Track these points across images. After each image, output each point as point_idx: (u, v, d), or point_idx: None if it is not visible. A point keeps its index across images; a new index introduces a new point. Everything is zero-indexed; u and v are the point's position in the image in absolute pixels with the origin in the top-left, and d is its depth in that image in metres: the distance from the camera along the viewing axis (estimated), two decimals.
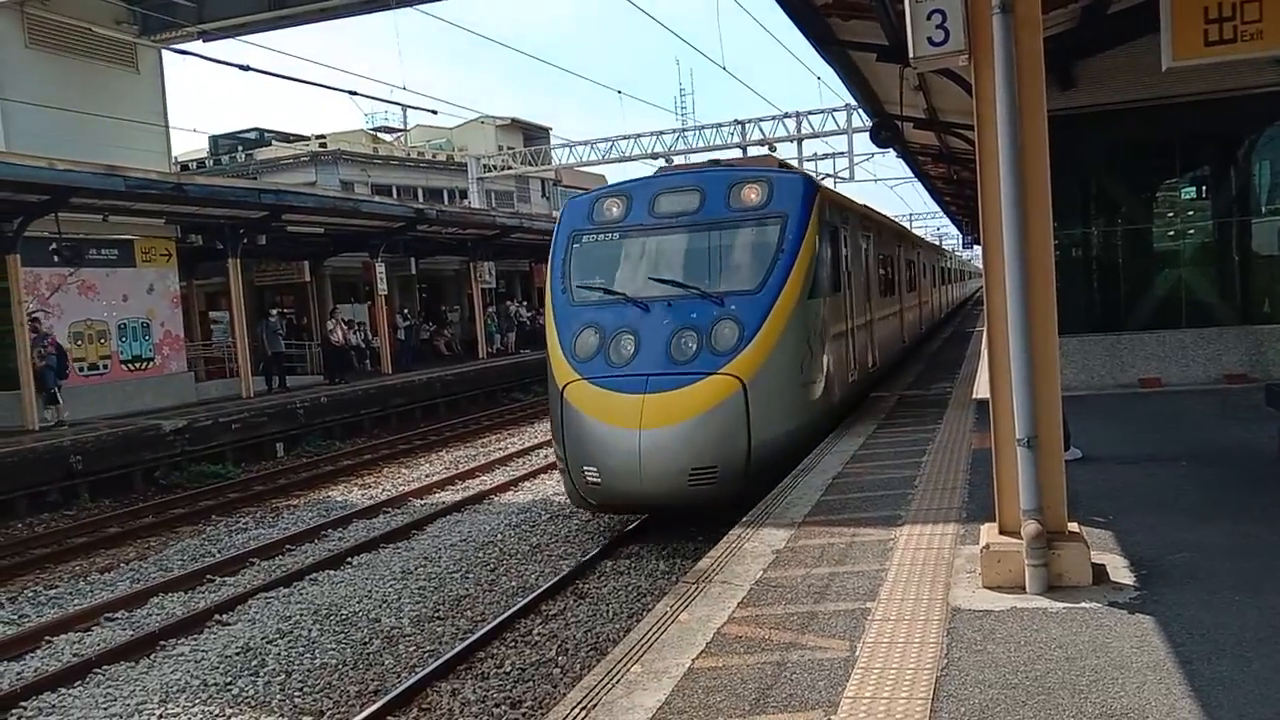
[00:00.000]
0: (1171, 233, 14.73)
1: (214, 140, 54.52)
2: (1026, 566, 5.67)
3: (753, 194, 11.41)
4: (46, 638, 9.69)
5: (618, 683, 4.92)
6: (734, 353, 10.37)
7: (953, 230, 63.73)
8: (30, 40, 26.36)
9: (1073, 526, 5.97)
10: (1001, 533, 5.97)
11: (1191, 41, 7.91)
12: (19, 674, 8.89)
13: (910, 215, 63.65)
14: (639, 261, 11.57)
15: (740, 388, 10.20)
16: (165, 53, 29.60)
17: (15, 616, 10.73)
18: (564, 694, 4.88)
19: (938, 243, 53.84)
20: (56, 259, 19.51)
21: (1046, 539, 5.67)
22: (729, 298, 10.78)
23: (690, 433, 10.05)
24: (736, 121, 39.96)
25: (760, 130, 39.60)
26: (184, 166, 47.29)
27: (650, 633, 5.59)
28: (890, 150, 22.32)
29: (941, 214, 56.30)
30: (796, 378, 11.11)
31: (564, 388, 10.69)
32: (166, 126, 30.19)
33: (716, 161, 14.19)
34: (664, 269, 11.33)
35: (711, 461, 10.04)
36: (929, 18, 5.68)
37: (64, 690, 8.35)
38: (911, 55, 5.79)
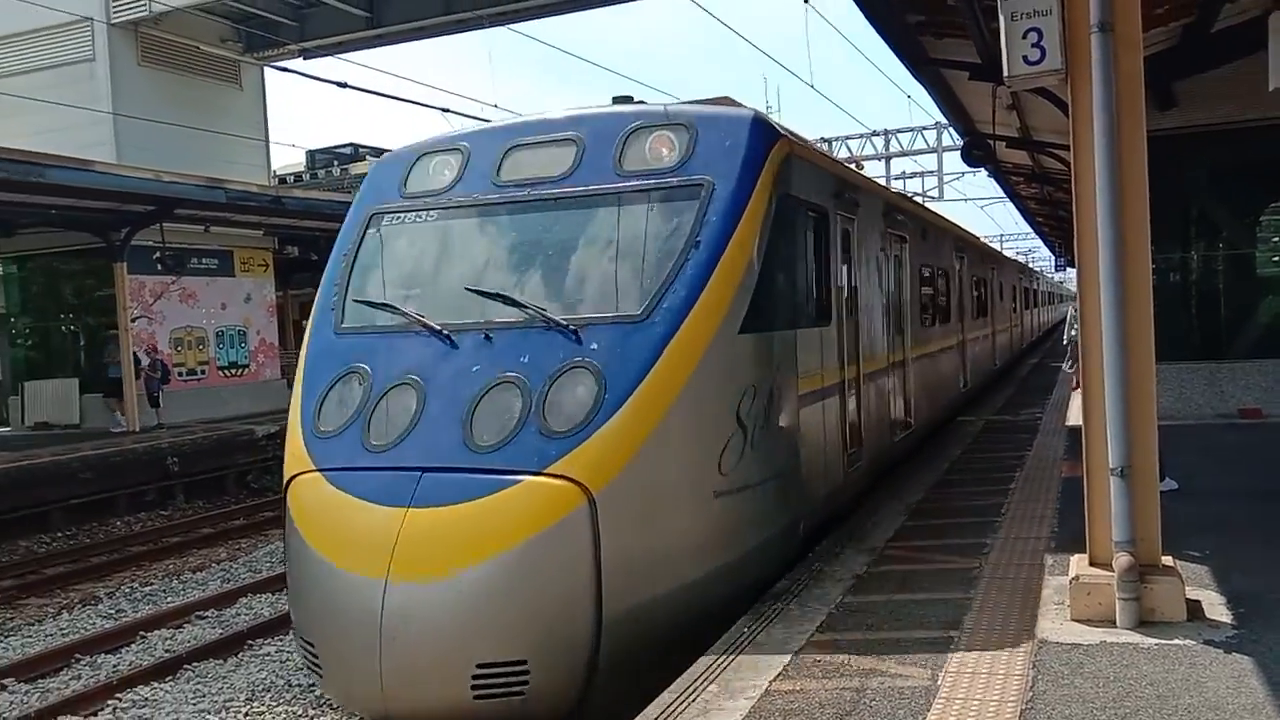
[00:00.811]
0: (1276, 258, 14.20)
1: (311, 155, 56.07)
2: (1117, 600, 5.50)
3: (662, 148, 6.77)
4: (141, 633, 10.03)
5: (693, 701, 4.90)
6: (581, 434, 5.70)
7: (1043, 252, 62.42)
8: (142, 59, 27.52)
9: (1167, 560, 5.78)
10: (1092, 564, 5.81)
11: None
12: (115, 666, 9.21)
13: (1001, 236, 62.41)
14: (459, 262, 7.03)
15: (583, 505, 5.52)
16: (266, 70, 30.62)
17: (113, 611, 11.13)
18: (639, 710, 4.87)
19: (1025, 262, 51.77)
20: (160, 267, 20.26)
21: (1139, 572, 5.50)
22: (592, 330, 6.11)
23: (479, 593, 5.42)
24: (823, 139, 39.74)
25: (847, 148, 39.30)
26: (282, 180, 48.74)
27: (726, 653, 5.56)
28: (982, 169, 21.93)
29: (1033, 235, 55.16)
30: (708, 481, 6.23)
31: (288, 485, 6.31)
32: (267, 141, 31.22)
33: (628, 100, 8.07)
34: (491, 275, 6.78)
35: (517, 652, 5.41)
36: (1024, 36, 5.59)
37: (156, 685, 8.63)
38: (1006, 74, 5.70)
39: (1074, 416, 14.16)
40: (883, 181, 25.99)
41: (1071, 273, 38.61)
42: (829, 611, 6.18)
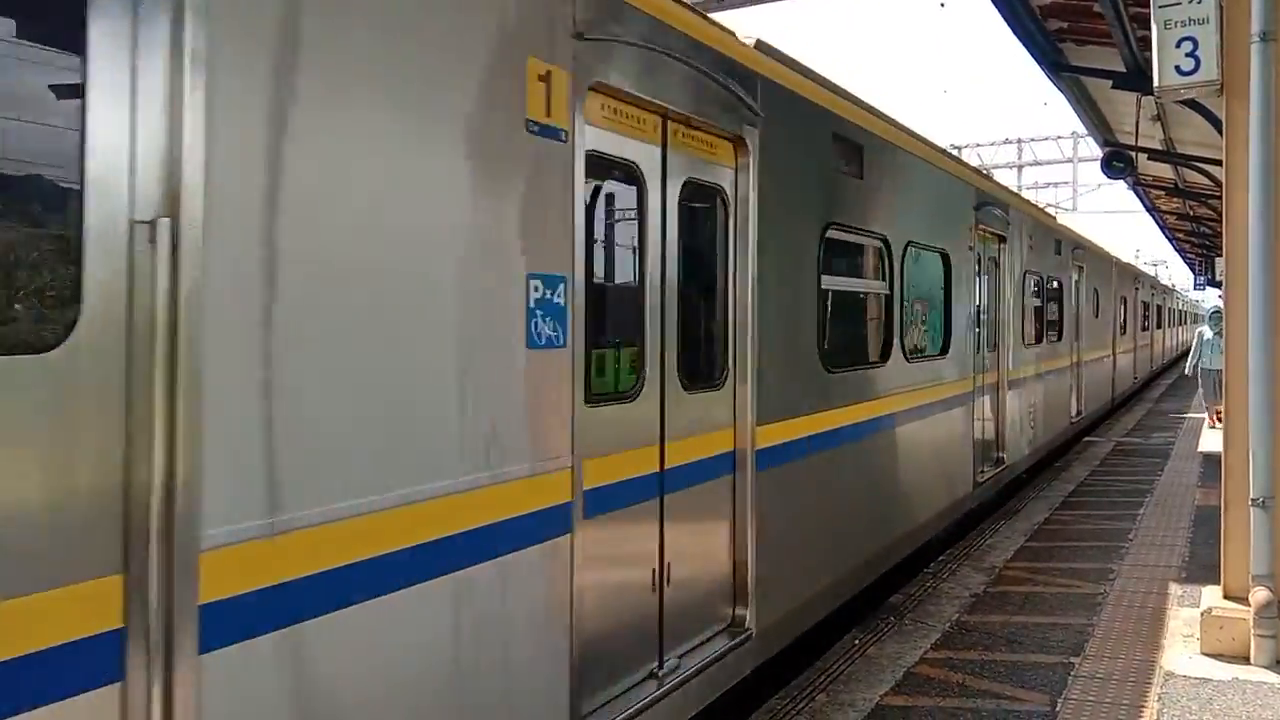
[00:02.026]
0: None
1: None
2: (1253, 635, 5.25)
3: None
4: None
5: (801, 709, 4.87)
6: None
7: (1177, 269, 59.78)
8: None
9: None
10: (1225, 597, 5.57)
11: None
12: None
13: (1137, 254, 60.14)
14: None
15: None
16: None
17: None
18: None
19: (1153, 274, 48.13)
20: None
21: (1277, 608, 5.24)
22: None
23: None
24: (954, 146, 38.85)
25: (979, 156, 38.36)
26: None
27: (837, 664, 5.50)
28: (1121, 181, 21.11)
29: (1173, 251, 52.92)
30: None
31: None
32: None
33: None
34: None
35: None
36: (1178, 45, 5.38)
37: None
38: (1156, 84, 5.50)
39: (1208, 443, 13.56)
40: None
41: (1212, 291, 36.98)
42: (945, 630, 6.06)
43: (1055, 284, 13.11)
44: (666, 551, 4.16)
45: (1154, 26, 5.46)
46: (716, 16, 4.81)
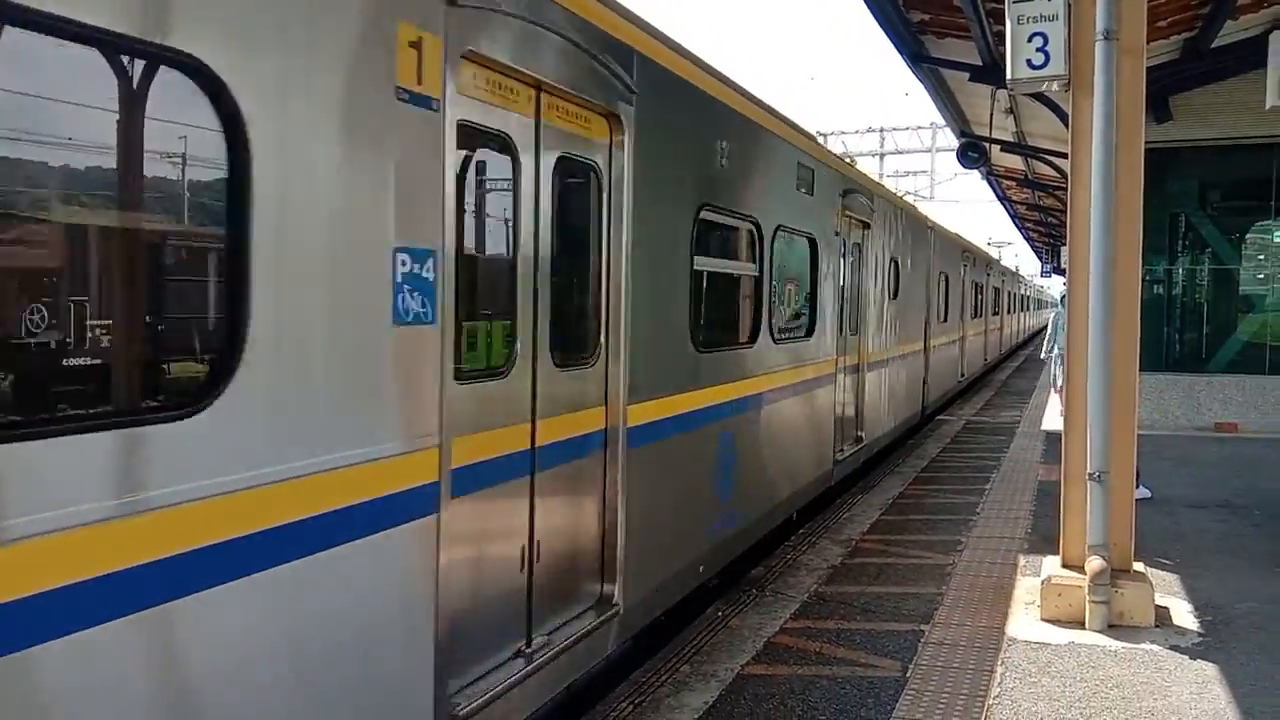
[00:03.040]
0: (1261, 275, 14.34)
1: None
2: (1088, 602, 5.58)
3: None
4: None
5: (666, 680, 4.95)
6: None
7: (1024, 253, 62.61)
8: None
9: (1137, 566, 5.88)
10: (1064, 566, 5.89)
11: None
12: None
13: (990, 241, 62.70)
14: None
15: None
16: None
17: None
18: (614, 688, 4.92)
19: (1000, 258, 48.94)
20: None
21: (1110, 576, 5.58)
22: None
23: None
24: (819, 133, 39.72)
25: (843, 143, 39.33)
26: None
27: (701, 635, 5.61)
28: (975, 171, 21.95)
29: (1022, 240, 55.41)
30: None
31: None
32: None
33: None
34: None
35: None
36: (1030, 40, 5.62)
37: None
38: (1009, 77, 5.74)
39: (1051, 421, 14.29)
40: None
41: (1058, 279, 38.78)
42: (803, 600, 6.24)
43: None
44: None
45: (1008, 21, 5.69)
46: None
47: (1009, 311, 35.24)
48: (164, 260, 2.65)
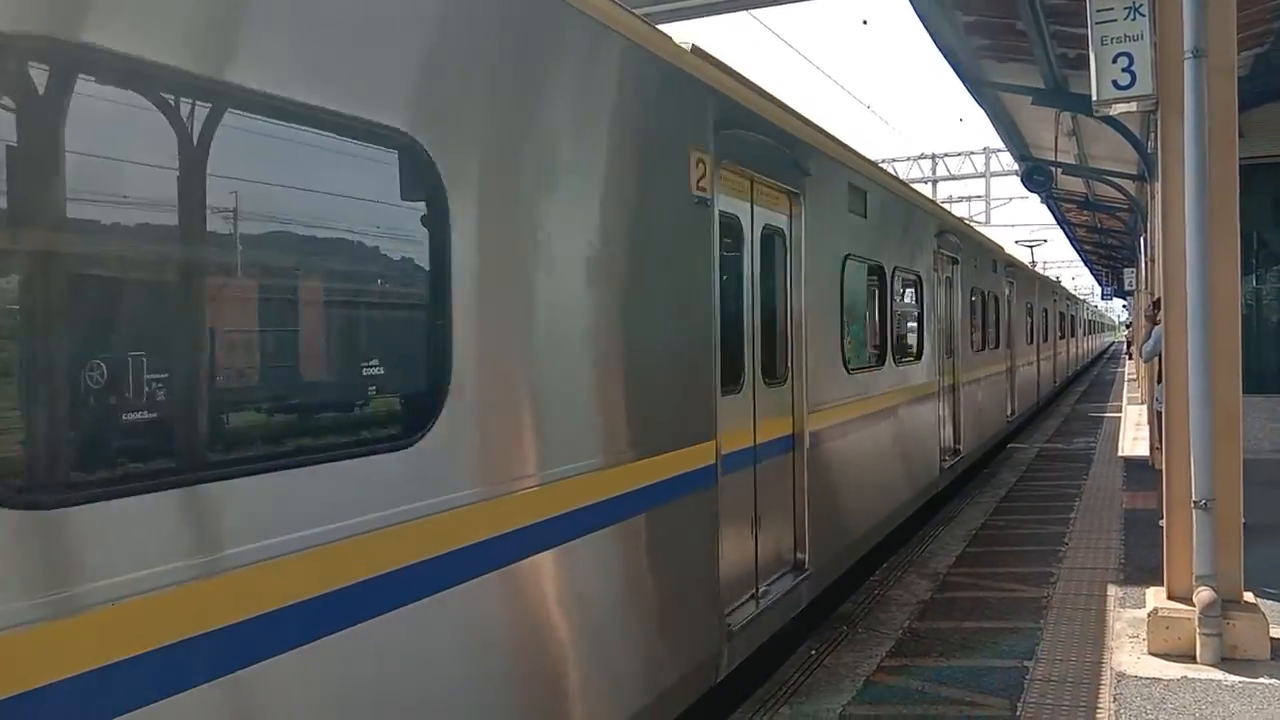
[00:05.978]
0: None
1: None
2: (1198, 635, 5.38)
3: None
4: None
5: None
6: None
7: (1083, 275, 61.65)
8: None
9: (1248, 596, 5.67)
10: (1170, 597, 5.70)
11: None
12: None
13: (1044, 263, 61.90)
14: None
15: None
16: None
17: None
18: None
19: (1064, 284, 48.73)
20: None
21: (1221, 607, 5.39)
22: None
23: None
24: (884, 161, 39.46)
25: (895, 169, 39.09)
26: None
27: (797, 675, 5.50)
28: (1035, 195, 21.70)
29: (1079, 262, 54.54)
30: None
31: None
32: None
33: None
34: None
35: None
36: (1115, 61, 5.54)
37: None
38: (1095, 99, 5.64)
39: (1129, 447, 13.97)
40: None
41: (1118, 302, 37.99)
42: (897, 637, 6.11)
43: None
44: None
45: (1091, 43, 5.61)
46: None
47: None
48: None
